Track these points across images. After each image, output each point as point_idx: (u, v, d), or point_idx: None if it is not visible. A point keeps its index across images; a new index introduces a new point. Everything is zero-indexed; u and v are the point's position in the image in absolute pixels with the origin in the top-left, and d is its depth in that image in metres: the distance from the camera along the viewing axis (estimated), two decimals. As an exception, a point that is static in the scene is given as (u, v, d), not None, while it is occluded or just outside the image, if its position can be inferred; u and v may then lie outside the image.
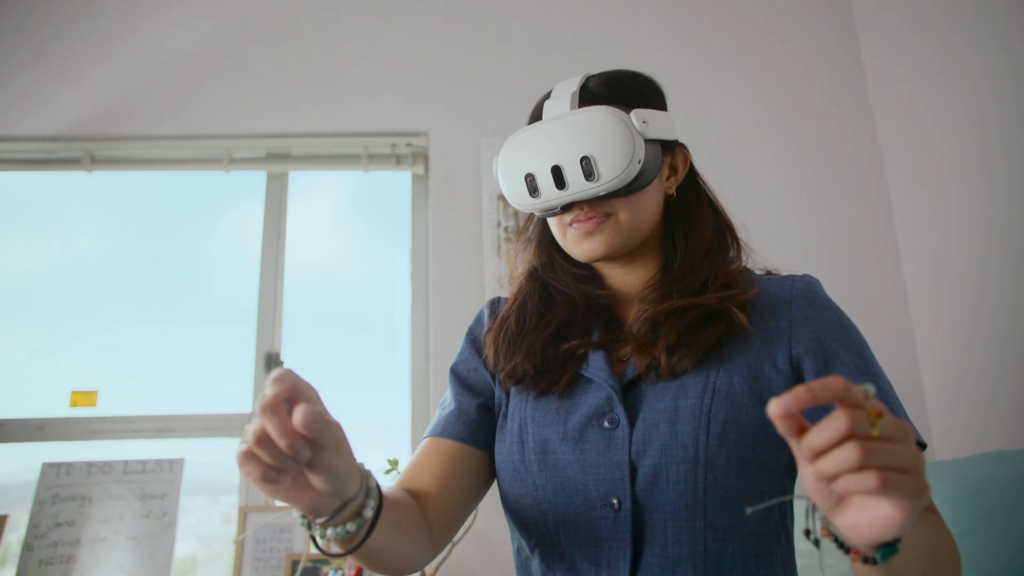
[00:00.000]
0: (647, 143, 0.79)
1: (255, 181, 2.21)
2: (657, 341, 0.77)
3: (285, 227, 2.17)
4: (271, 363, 2.03)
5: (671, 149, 0.86)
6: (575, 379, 0.81)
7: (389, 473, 1.67)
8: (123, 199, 2.24)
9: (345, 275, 2.22)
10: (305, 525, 0.61)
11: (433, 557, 0.79)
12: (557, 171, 0.79)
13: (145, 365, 2.08)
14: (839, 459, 0.45)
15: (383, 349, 2.04)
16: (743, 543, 0.72)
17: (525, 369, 0.82)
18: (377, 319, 2.07)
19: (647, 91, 0.86)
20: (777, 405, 0.46)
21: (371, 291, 2.12)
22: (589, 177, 0.77)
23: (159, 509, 1.77)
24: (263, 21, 2.20)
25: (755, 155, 2.14)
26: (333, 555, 0.64)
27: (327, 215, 2.27)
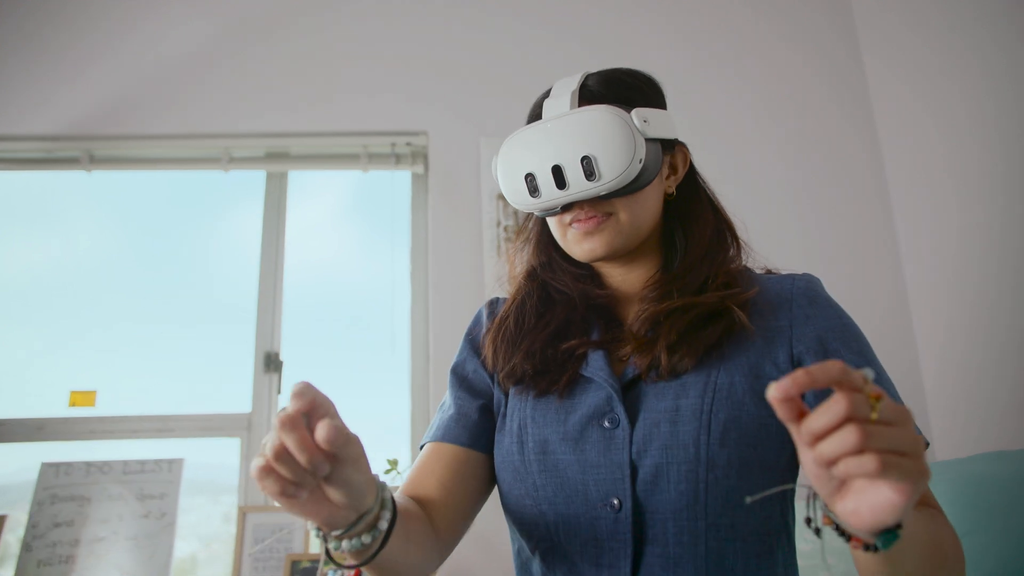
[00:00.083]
0: (648, 142, 0.79)
1: (254, 181, 2.21)
2: (657, 340, 0.77)
3: (284, 227, 2.17)
4: (270, 363, 2.03)
5: (671, 148, 0.86)
6: (575, 379, 0.80)
7: (388, 473, 1.67)
8: (122, 199, 2.24)
9: (344, 275, 2.22)
10: (321, 537, 0.61)
11: (440, 563, 0.79)
12: (558, 171, 0.78)
13: (144, 365, 2.08)
14: (838, 442, 0.45)
15: (382, 349, 2.04)
16: (744, 543, 0.72)
17: (524, 369, 0.82)
18: (376, 319, 2.07)
19: (647, 89, 0.85)
20: (776, 388, 0.46)
21: (370, 291, 2.12)
22: (590, 177, 0.77)
23: (158, 509, 1.77)
24: (262, 20, 2.20)
25: (755, 155, 2.14)
26: (346, 567, 0.64)
27: (326, 215, 2.27)
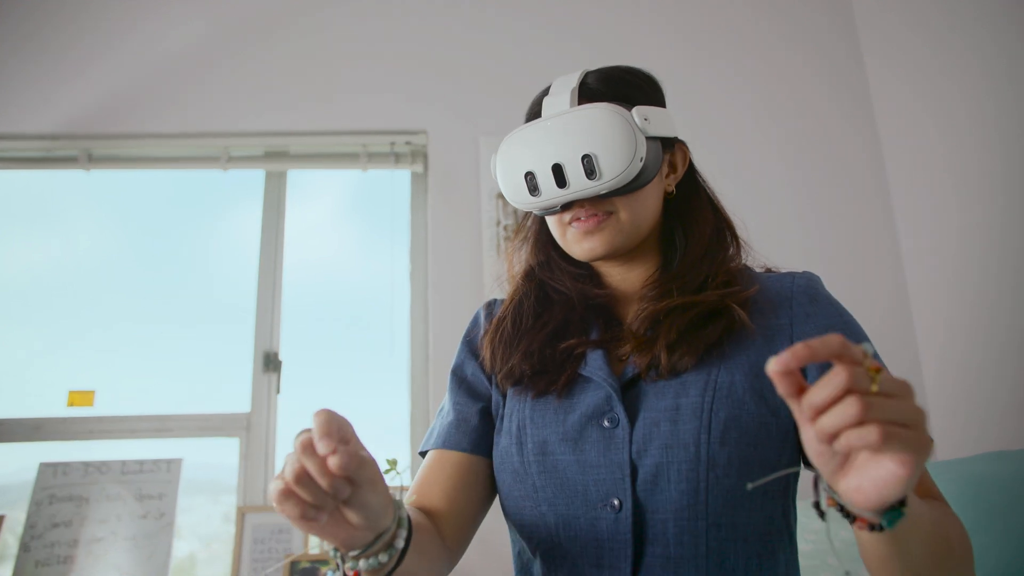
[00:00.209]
0: (648, 140, 0.78)
1: (253, 180, 2.20)
2: (657, 339, 0.77)
3: (283, 226, 2.16)
4: (269, 362, 2.02)
5: (671, 146, 0.85)
6: (573, 378, 0.80)
7: (388, 473, 1.66)
8: (121, 198, 2.23)
9: (344, 274, 2.21)
10: (338, 557, 0.62)
11: (449, 572, 0.79)
12: (558, 169, 0.77)
13: (143, 364, 2.08)
14: (839, 414, 0.45)
15: (382, 348, 2.03)
16: (746, 543, 0.71)
17: (523, 370, 0.81)
18: (376, 318, 2.06)
19: (646, 87, 0.85)
20: (776, 362, 0.46)
21: (370, 290, 2.11)
22: (591, 175, 0.76)
23: (157, 509, 1.77)
24: (261, 19, 2.20)
25: (755, 155, 2.14)
26: None
27: (326, 214, 2.27)
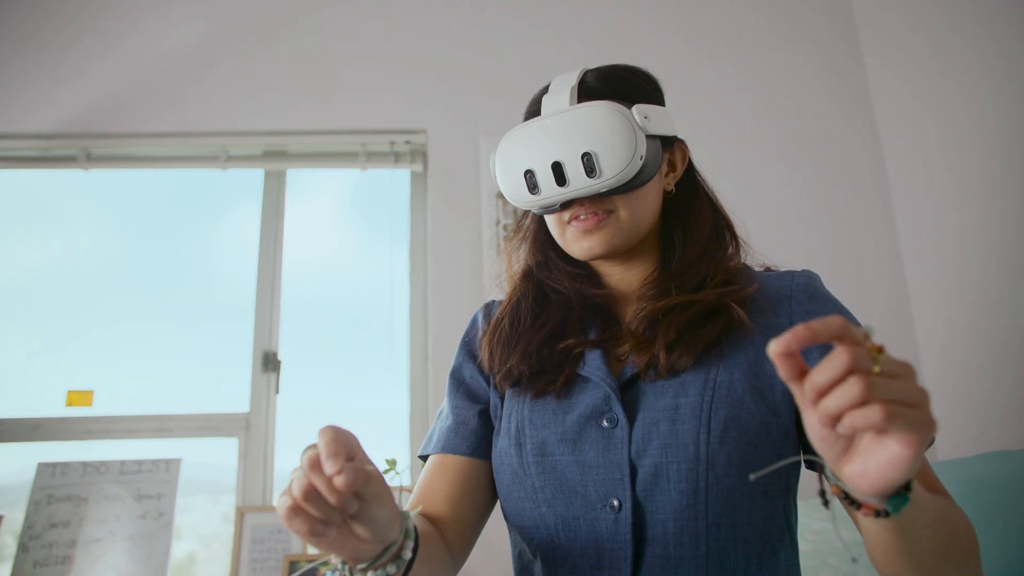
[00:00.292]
0: (648, 139, 0.78)
1: (253, 179, 2.20)
2: (656, 338, 0.76)
3: (283, 226, 2.16)
4: (268, 362, 2.02)
5: (670, 145, 0.85)
6: (572, 378, 0.79)
7: (387, 473, 1.65)
8: (120, 197, 2.23)
9: (343, 274, 2.21)
10: (347, 571, 0.62)
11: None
12: (558, 167, 0.77)
13: (141, 364, 2.07)
14: (842, 395, 0.44)
15: (381, 348, 2.03)
16: (746, 543, 0.71)
17: (521, 371, 0.81)
18: (375, 318, 2.06)
19: (646, 86, 0.85)
20: (777, 343, 0.45)
21: (369, 290, 2.11)
22: (591, 173, 0.76)
23: (155, 509, 1.76)
24: (261, 19, 2.19)
25: (756, 155, 2.14)
26: None
27: (325, 213, 2.26)
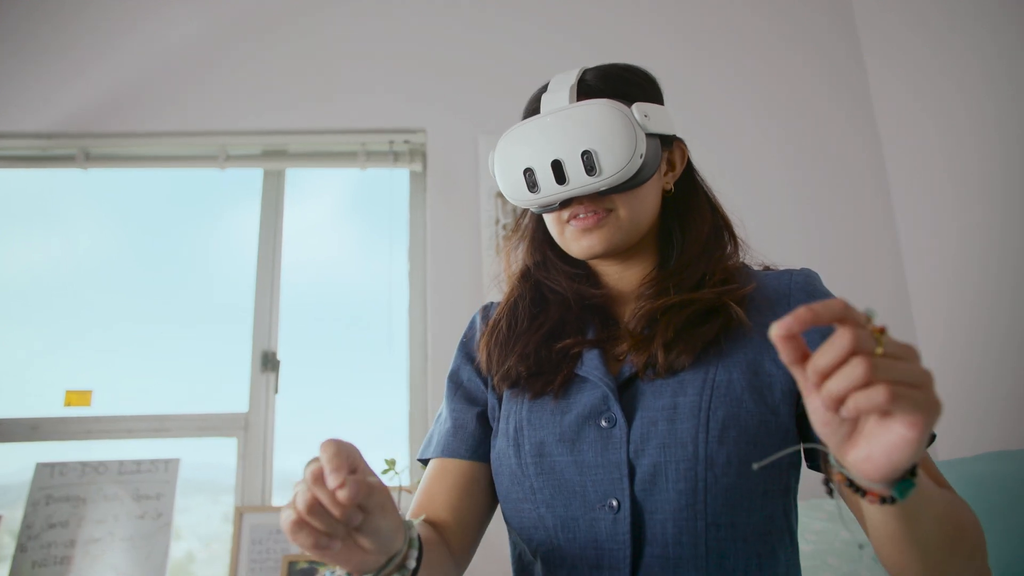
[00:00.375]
0: (648, 137, 0.78)
1: (252, 179, 2.20)
2: (654, 338, 0.76)
3: (282, 225, 2.15)
4: (267, 362, 2.01)
5: (669, 144, 0.85)
6: (570, 378, 0.79)
7: (386, 473, 1.65)
8: (118, 197, 2.23)
9: (342, 273, 2.21)
10: None
11: None
12: (557, 165, 0.77)
13: (140, 364, 2.07)
14: (846, 376, 0.44)
15: (380, 348, 2.03)
16: (745, 543, 0.71)
17: (519, 372, 0.81)
18: (374, 318, 2.06)
19: (645, 85, 0.84)
20: (779, 325, 0.45)
21: (368, 290, 2.10)
22: (591, 171, 0.76)
23: (154, 510, 1.76)
24: (260, 18, 2.19)
25: (755, 155, 2.13)
26: None
27: (324, 213, 2.26)
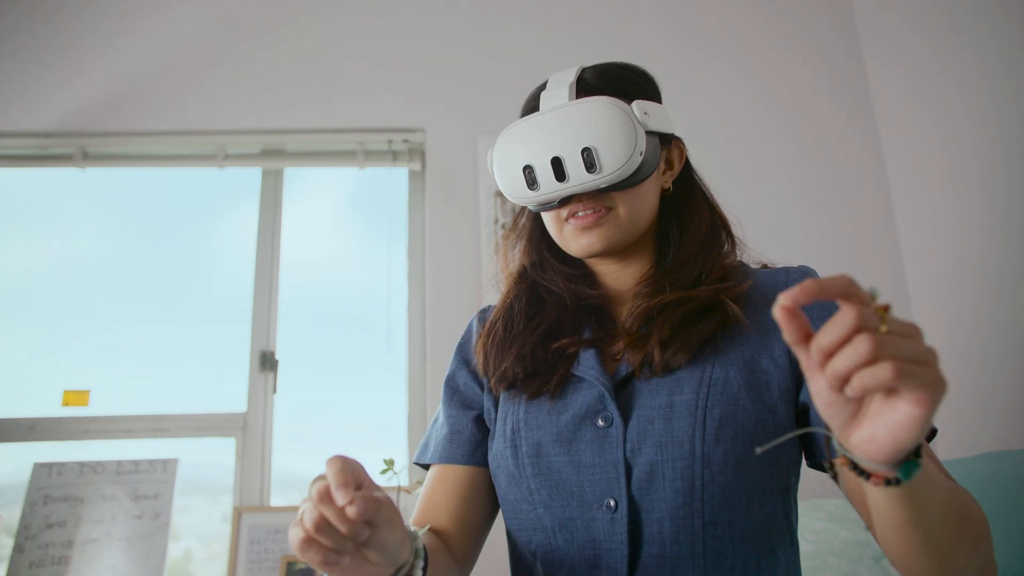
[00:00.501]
0: (647, 135, 0.78)
1: (250, 178, 2.19)
2: (650, 336, 0.76)
3: (280, 225, 2.15)
4: (266, 362, 2.01)
5: (668, 143, 0.85)
6: (566, 378, 0.79)
7: (384, 473, 1.65)
8: (117, 196, 2.22)
9: (341, 273, 2.20)
10: None
11: None
12: (557, 162, 0.77)
13: (138, 364, 2.07)
14: (850, 353, 0.44)
15: (379, 347, 2.02)
16: (744, 542, 0.70)
17: (515, 373, 0.81)
18: (373, 317, 2.05)
19: (644, 83, 0.84)
20: (785, 296, 0.45)
21: (367, 289, 2.10)
22: (591, 169, 0.75)
23: (152, 510, 1.75)
24: (259, 16, 2.19)
25: (755, 155, 2.13)
26: None
27: (323, 212, 2.26)
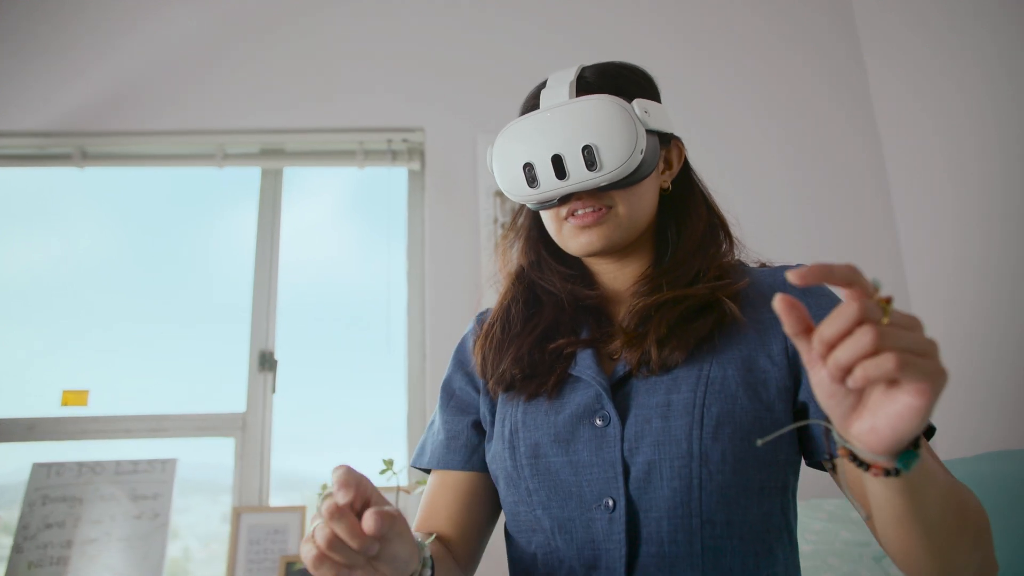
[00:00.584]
0: (648, 134, 0.78)
1: (249, 178, 2.19)
2: (647, 334, 0.76)
3: (279, 224, 2.15)
4: (265, 362, 2.01)
5: (667, 142, 0.85)
6: (563, 379, 0.79)
7: (384, 473, 1.64)
8: (115, 196, 2.22)
9: (340, 273, 2.20)
10: None
11: None
12: (558, 160, 0.76)
13: (137, 364, 2.06)
14: (853, 345, 0.44)
15: (378, 347, 2.02)
16: (742, 541, 0.70)
17: (513, 375, 0.81)
18: (372, 317, 2.05)
19: (643, 83, 0.84)
20: (793, 275, 0.45)
21: (366, 289, 2.10)
22: (591, 167, 0.75)
23: (151, 510, 1.75)
24: (258, 16, 2.18)
25: (755, 155, 2.13)
26: None
27: (322, 212, 2.25)
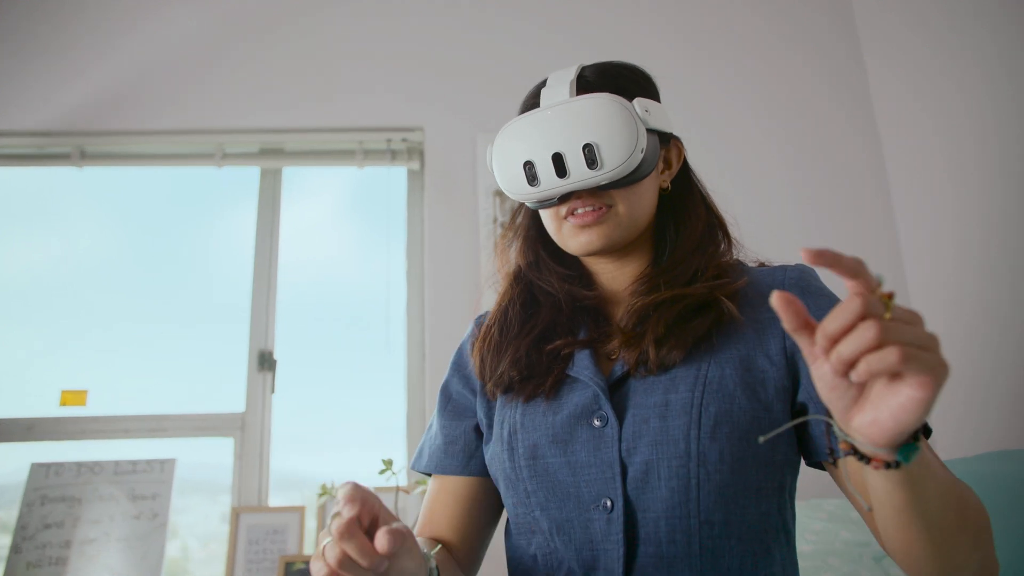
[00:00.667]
0: (648, 133, 0.78)
1: (249, 177, 2.19)
2: (645, 334, 0.76)
3: (279, 224, 2.14)
4: (264, 362, 2.00)
5: (667, 142, 0.85)
6: (561, 380, 0.79)
7: (383, 473, 1.64)
8: (114, 196, 2.22)
9: (339, 272, 2.20)
10: None
11: None
12: (558, 158, 0.76)
13: (136, 364, 2.06)
14: (857, 339, 0.45)
15: (378, 347, 2.02)
16: (740, 541, 0.70)
17: (511, 376, 0.81)
18: (372, 317, 2.05)
19: (643, 82, 0.85)
20: (806, 253, 0.46)
21: (366, 288, 2.10)
22: (592, 165, 0.75)
23: (150, 510, 1.75)
24: (258, 16, 2.18)
25: (755, 155, 2.13)
26: None
27: (321, 212, 2.25)
